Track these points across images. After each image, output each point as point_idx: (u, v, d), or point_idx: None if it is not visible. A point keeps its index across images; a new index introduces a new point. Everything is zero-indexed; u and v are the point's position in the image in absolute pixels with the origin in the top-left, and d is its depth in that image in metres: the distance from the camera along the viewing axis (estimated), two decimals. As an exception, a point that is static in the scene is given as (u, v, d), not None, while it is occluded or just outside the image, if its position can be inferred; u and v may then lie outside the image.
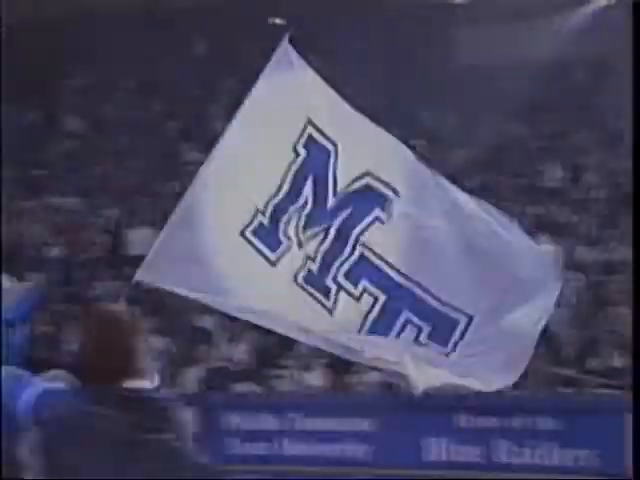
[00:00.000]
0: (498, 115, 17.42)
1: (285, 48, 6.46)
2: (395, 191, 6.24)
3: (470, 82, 17.33)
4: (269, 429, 12.65)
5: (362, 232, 6.25)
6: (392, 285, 6.14)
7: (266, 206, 6.33)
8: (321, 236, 6.30)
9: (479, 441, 11.87)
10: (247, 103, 6.44)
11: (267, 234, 6.31)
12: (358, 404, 12.61)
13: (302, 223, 6.32)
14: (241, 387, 13.59)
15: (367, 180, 6.31)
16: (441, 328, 5.98)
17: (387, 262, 6.17)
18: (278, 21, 19.68)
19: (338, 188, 6.33)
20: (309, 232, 6.31)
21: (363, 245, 6.23)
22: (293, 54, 6.45)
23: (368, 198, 6.30)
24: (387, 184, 6.27)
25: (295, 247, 6.32)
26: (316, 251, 6.26)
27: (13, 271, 7.59)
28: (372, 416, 12.26)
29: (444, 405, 11.52)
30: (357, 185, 6.34)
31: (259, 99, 6.44)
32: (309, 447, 12.52)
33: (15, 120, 19.41)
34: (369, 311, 6.14)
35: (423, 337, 6.02)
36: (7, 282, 6.99)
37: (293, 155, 6.36)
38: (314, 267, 6.26)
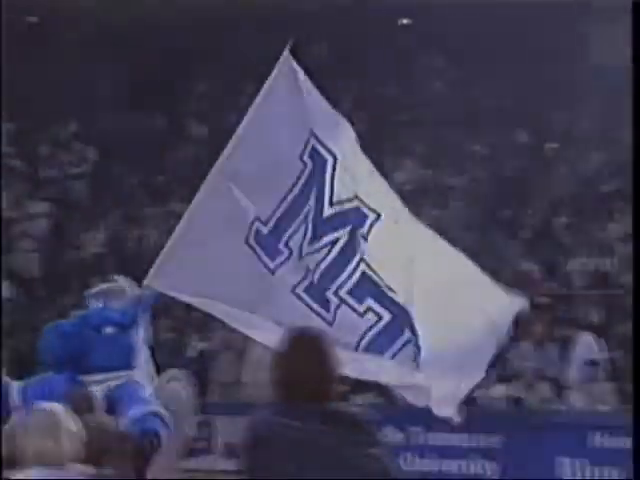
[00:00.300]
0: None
1: (286, 58, 6.54)
2: (378, 215, 6.42)
3: (605, 82, 16.56)
4: (391, 442, 12.23)
5: (363, 251, 6.36)
6: (395, 306, 6.26)
7: (271, 215, 6.44)
8: (325, 251, 6.40)
9: (616, 462, 11.21)
10: (250, 113, 6.55)
11: (268, 243, 6.44)
12: (484, 419, 12.08)
13: (308, 235, 6.43)
14: (362, 398, 13.17)
15: (356, 203, 6.47)
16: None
17: (385, 282, 6.29)
18: (406, 21, 19.28)
19: (334, 201, 6.46)
20: (313, 246, 6.43)
21: (365, 263, 6.32)
22: (294, 65, 6.53)
23: (362, 217, 6.43)
24: (372, 208, 6.43)
25: (294, 258, 6.42)
26: (318, 264, 6.36)
27: (135, 276, 7.42)
28: (499, 432, 11.74)
29: (578, 423, 11.01)
30: (352, 205, 6.47)
31: (262, 109, 6.55)
32: (432, 462, 12.09)
33: (139, 125, 19.48)
34: (369, 328, 6.24)
35: (419, 358, 6.16)
36: (123, 283, 6.77)
37: (301, 166, 6.46)
38: (314, 279, 6.38)
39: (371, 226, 6.42)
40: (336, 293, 6.32)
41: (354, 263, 6.35)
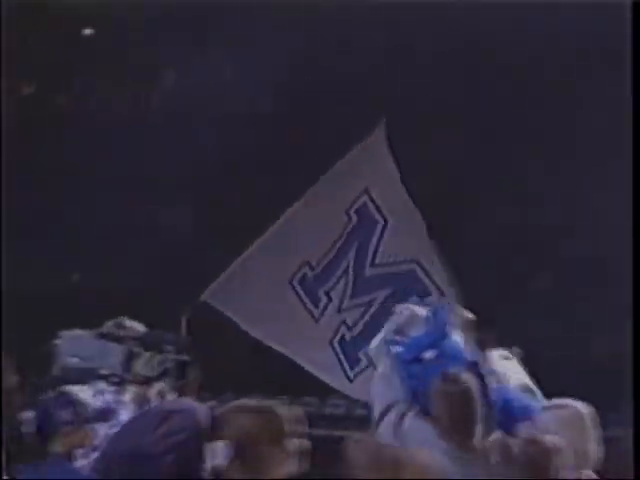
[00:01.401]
0: None
1: (378, 135, 6.86)
2: (438, 287, 6.52)
3: None
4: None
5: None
6: None
7: (318, 262, 6.77)
8: (363, 309, 6.67)
9: None
10: (333, 170, 6.96)
11: (311, 288, 6.78)
12: None
13: (348, 289, 6.75)
14: None
15: (413, 266, 6.60)
16: None
17: None
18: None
19: (377, 262, 6.72)
20: (353, 301, 6.73)
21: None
22: (383, 142, 6.82)
23: (410, 284, 6.52)
24: (430, 276, 6.57)
25: (332, 309, 6.75)
26: (356, 321, 6.66)
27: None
28: None
29: None
30: (402, 268, 6.64)
31: (341, 170, 6.94)
32: None
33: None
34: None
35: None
36: (416, 309, 5.94)
37: (346, 219, 6.83)
38: (348, 335, 6.68)
39: (422, 294, 6.11)
40: (366, 353, 5.96)
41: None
